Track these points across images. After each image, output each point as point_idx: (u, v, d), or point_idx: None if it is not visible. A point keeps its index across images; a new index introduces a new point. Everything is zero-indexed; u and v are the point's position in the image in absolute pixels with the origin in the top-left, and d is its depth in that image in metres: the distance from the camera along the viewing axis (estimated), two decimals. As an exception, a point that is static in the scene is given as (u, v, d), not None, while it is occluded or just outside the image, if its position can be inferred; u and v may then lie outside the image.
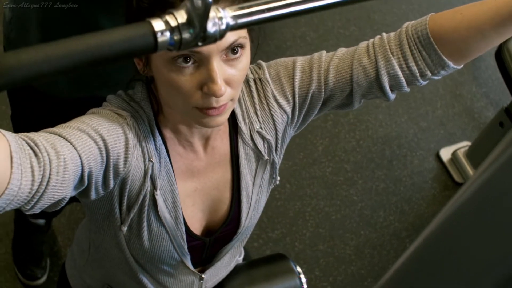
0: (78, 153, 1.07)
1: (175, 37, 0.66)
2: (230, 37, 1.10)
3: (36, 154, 0.99)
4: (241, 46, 1.14)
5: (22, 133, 1.02)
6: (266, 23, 0.73)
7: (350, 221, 2.92)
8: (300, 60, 1.33)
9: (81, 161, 1.08)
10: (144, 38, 0.64)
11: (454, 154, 3.17)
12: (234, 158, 1.36)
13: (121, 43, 0.63)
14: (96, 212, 1.31)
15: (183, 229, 1.34)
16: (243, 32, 1.14)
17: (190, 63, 1.11)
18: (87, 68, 0.63)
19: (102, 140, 1.13)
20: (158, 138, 1.25)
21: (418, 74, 1.25)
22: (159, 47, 0.65)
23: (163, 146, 1.26)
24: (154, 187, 1.26)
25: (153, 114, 1.25)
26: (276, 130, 1.35)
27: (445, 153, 3.21)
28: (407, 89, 1.29)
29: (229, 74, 1.14)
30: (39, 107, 1.68)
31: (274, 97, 1.33)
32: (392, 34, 1.27)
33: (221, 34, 0.68)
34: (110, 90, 1.32)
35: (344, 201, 2.97)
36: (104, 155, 1.14)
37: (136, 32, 0.64)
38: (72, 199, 1.30)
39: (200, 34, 0.66)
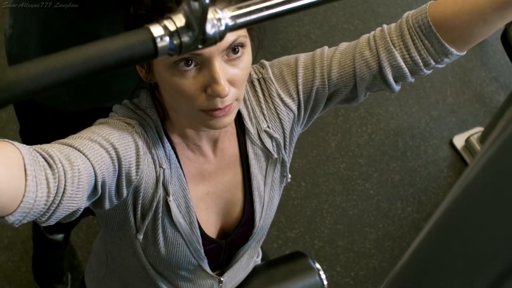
0: (91, 163, 1.08)
1: (175, 42, 0.65)
2: (230, 37, 1.11)
3: (50, 166, 1.00)
4: (242, 45, 1.14)
5: (36, 145, 1.02)
6: (265, 22, 0.71)
7: (368, 215, 2.91)
8: (303, 57, 1.32)
9: (94, 171, 1.08)
10: (143, 45, 0.63)
11: (467, 140, 3.15)
12: (243, 159, 1.36)
13: (121, 51, 0.63)
14: (111, 222, 1.31)
15: (198, 233, 1.34)
16: (243, 31, 1.14)
17: (192, 66, 1.11)
18: (88, 78, 0.62)
19: (113, 149, 1.13)
20: (167, 144, 1.25)
21: (421, 64, 1.24)
22: (160, 52, 0.64)
23: (172, 152, 1.26)
24: (166, 193, 1.26)
25: (160, 121, 1.25)
26: (283, 128, 1.35)
27: (459, 140, 3.19)
28: (411, 79, 1.28)
29: (232, 74, 1.14)
30: (46, 121, 1.69)
31: (279, 95, 1.33)
32: (393, 25, 1.26)
33: (220, 36, 0.67)
34: (114, 100, 1.32)
35: (361, 195, 2.96)
36: (116, 164, 1.14)
37: (135, 39, 0.63)
38: (88, 212, 1.31)
39: (200, 36, 0.65)
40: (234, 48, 1.13)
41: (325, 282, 1.59)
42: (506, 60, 3.20)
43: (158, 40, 0.63)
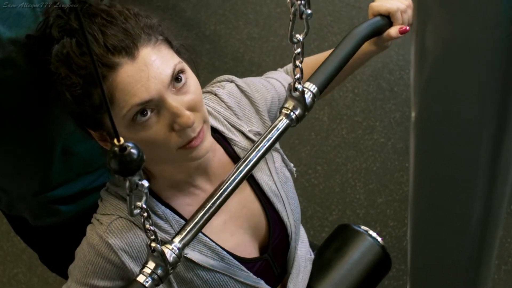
0: None
1: (155, 277, 1.00)
2: (167, 70, 1.12)
3: None
4: (182, 71, 1.15)
5: None
6: (204, 227, 1.09)
7: (391, 161, 2.90)
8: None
9: None
10: None
11: (440, 47, 3.15)
12: None
13: None
14: None
15: (236, 262, 1.32)
16: (175, 59, 1.15)
17: (149, 113, 1.11)
18: None
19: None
20: (158, 206, 1.24)
21: None
22: None
23: (167, 210, 1.25)
24: None
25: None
26: (263, 120, 1.38)
27: (433, 52, 3.19)
28: None
29: (187, 101, 1.14)
30: (56, 237, 1.68)
31: (252, 91, 1.39)
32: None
33: (179, 256, 1.02)
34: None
35: (375, 148, 2.95)
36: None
37: None
38: None
39: (167, 267, 1.00)
40: (176, 78, 1.13)
41: (379, 239, 1.57)
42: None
43: (145, 283, 0.99)
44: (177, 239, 1.02)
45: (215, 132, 1.33)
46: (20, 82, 1.29)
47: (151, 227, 0.94)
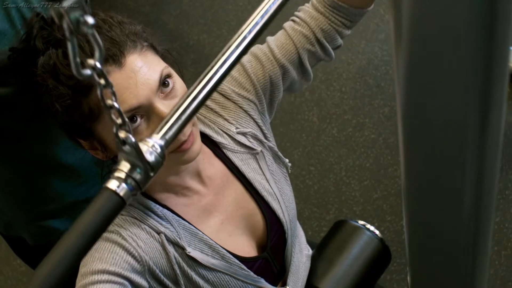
0: None
1: (132, 183, 0.70)
2: (155, 75, 1.13)
3: None
4: (168, 76, 1.16)
5: None
6: (192, 118, 0.77)
7: (383, 157, 2.91)
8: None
9: None
10: (111, 201, 0.70)
11: (424, 40, 3.16)
12: (234, 170, 1.36)
13: (99, 217, 0.69)
14: None
15: (236, 261, 1.33)
16: (162, 64, 1.16)
17: (139, 119, 1.13)
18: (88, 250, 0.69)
19: (121, 277, 1.15)
20: (156, 207, 1.25)
21: (343, 25, 1.38)
22: (126, 199, 0.70)
23: (165, 210, 1.26)
24: (182, 249, 1.25)
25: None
26: (253, 118, 1.37)
27: (417, 45, 3.20)
28: (340, 41, 1.40)
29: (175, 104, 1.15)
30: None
31: (234, 91, 1.36)
32: (305, 14, 1.38)
33: (162, 156, 0.72)
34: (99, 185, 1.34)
35: (366, 145, 2.96)
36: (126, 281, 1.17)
37: (103, 201, 0.70)
38: None
39: (147, 167, 0.71)
40: (163, 82, 1.15)
41: (377, 232, 1.58)
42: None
43: (119, 190, 0.69)
44: (158, 135, 0.73)
45: (203, 137, 1.34)
46: (5, 100, 1.29)
47: (115, 104, 0.67)
